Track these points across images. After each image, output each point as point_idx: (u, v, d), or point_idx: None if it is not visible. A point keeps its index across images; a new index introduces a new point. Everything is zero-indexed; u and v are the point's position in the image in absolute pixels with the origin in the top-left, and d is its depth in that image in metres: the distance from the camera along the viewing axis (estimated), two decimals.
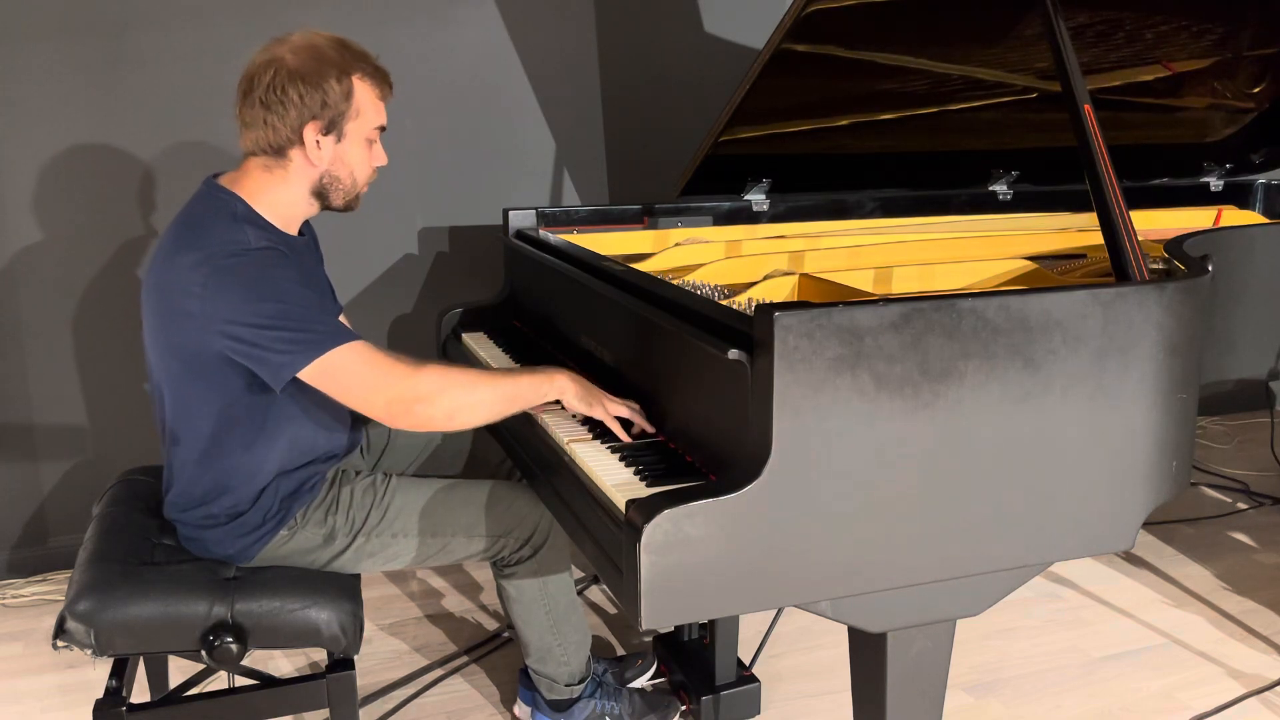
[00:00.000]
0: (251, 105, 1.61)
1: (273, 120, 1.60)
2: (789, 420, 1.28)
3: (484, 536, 1.83)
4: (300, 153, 1.64)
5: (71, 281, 2.73)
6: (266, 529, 1.72)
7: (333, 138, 1.65)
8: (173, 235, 1.62)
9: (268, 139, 1.62)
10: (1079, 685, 2.35)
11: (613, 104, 3.16)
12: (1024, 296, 1.39)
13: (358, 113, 1.66)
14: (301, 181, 1.67)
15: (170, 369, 1.63)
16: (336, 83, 1.62)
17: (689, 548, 1.25)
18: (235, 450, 1.67)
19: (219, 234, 1.57)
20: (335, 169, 1.67)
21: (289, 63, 1.60)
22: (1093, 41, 2.40)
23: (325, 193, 1.70)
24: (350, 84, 1.64)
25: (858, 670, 1.53)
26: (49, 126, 2.65)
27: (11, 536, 2.82)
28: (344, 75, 1.63)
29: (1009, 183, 2.81)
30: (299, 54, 1.61)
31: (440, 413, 1.58)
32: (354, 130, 1.66)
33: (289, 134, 1.62)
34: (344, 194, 1.71)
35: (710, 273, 2.11)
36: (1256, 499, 3.37)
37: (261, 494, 1.70)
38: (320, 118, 1.62)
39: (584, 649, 2.02)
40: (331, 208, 1.72)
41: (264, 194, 1.66)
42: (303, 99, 1.60)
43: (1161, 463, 1.52)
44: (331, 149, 1.65)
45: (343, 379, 1.55)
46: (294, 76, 1.59)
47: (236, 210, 1.62)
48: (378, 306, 3.01)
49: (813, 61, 2.22)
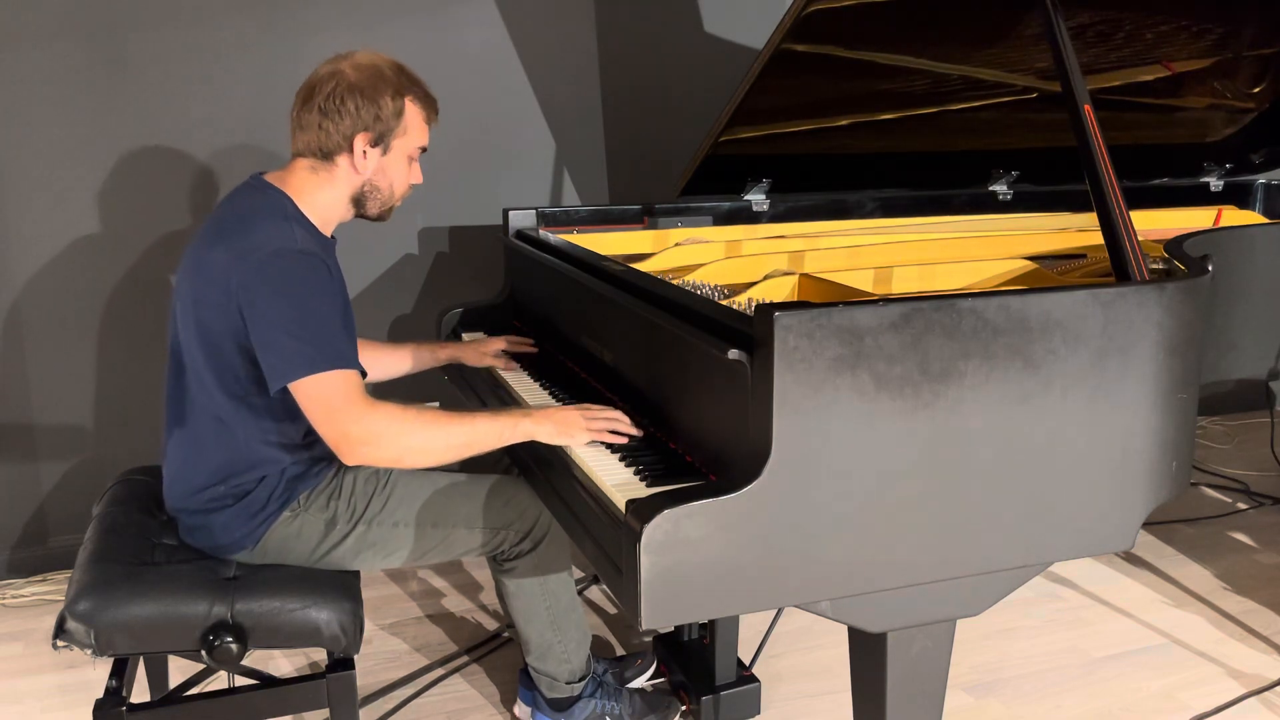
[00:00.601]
0: (310, 110, 1.73)
1: (328, 126, 1.72)
2: (789, 420, 1.28)
3: (484, 529, 1.85)
4: (348, 159, 1.75)
5: (72, 281, 2.73)
6: (271, 510, 1.74)
7: (379, 150, 1.76)
8: (219, 223, 1.70)
9: (320, 143, 1.73)
10: (1079, 685, 2.35)
11: (613, 104, 3.16)
12: (1024, 296, 1.39)
13: (405, 130, 1.78)
14: (344, 186, 1.77)
15: (195, 347, 1.69)
16: (391, 100, 1.74)
17: (689, 548, 1.25)
18: (249, 430, 1.72)
19: (269, 229, 1.66)
20: (377, 179, 1.79)
21: (350, 76, 1.72)
22: (1093, 41, 2.40)
23: (363, 200, 1.80)
24: (403, 104, 1.76)
25: (858, 670, 1.53)
26: (49, 127, 2.65)
27: (11, 536, 2.82)
28: (398, 95, 1.75)
29: (1009, 183, 2.81)
30: (360, 70, 1.73)
31: (387, 455, 1.63)
32: (399, 146, 1.78)
33: (340, 140, 1.73)
34: (381, 204, 1.82)
35: (710, 273, 2.11)
36: (1256, 499, 3.37)
37: (268, 476, 1.75)
38: (371, 130, 1.73)
39: (584, 646, 2.02)
40: (366, 216, 1.83)
41: (308, 194, 1.75)
42: (358, 110, 1.71)
43: (1161, 463, 1.52)
44: (377, 160, 1.76)
45: (315, 401, 1.61)
46: (353, 89, 1.71)
47: (287, 209, 1.71)
48: (378, 306, 3.01)
49: (813, 61, 2.23)
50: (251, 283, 1.61)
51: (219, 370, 1.68)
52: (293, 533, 1.77)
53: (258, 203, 1.71)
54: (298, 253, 1.64)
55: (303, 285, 1.62)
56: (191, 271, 1.70)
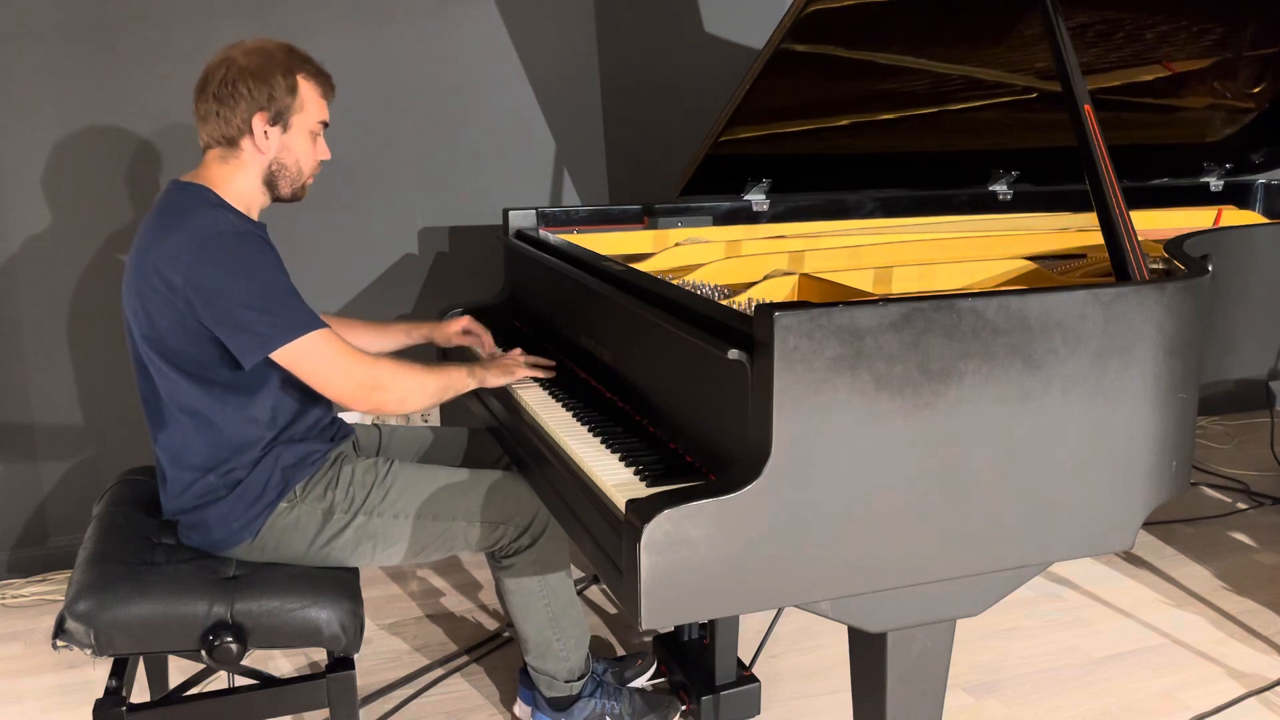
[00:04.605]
0: (206, 100, 1.77)
1: (225, 113, 1.75)
2: (789, 420, 1.28)
3: (483, 524, 1.85)
4: (250, 142, 1.78)
5: (71, 281, 2.73)
6: (267, 499, 1.75)
7: (279, 128, 1.79)
8: (152, 224, 1.74)
9: (221, 130, 1.77)
10: (1079, 685, 2.35)
11: (613, 104, 3.16)
12: (1024, 296, 1.39)
13: (302, 106, 1.81)
14: (253, 169, 1.80)
15: (154, 345, 1.71)
16: (283, 79, 1.77)
17: (689, 548, 1.25)
18: (226, 416, 1.74)
19: (202, 217, 1.70)
20: (283, 156, 1.81)
21: (240, 61, 1.76)
22: (1093, 41, 2.40)
23: (274, 180, 1.83)
24: (295, 80, 1.79)
25: (858, 670, 1.53)
26: (48, 127, 2.65)
27: (11, 536, 2.82)
28: (289, 73, 1.79)
29: (1009, 183, 2.81)
30: (249, 55, 1.77)
31: (394, 398, 1.75)
32: (299, 123, 1.81)
33: (239, 124, 1.76)
34: (290, 182, 1.84)
35: (710, 273, 2.11)
36: (1256, 499, 3.37)
37: (260, 462, 1.76)
38: (267, 109, 1.77)
39: (583, 644, 2.02)
40: (280, 197, 1.85)
41: (224, 183, 1.79)
42: (251, 92, 1.75)
43: (1161, 463, 1.52)
44: (278, 139, 1.80)
45: (313, 363, 1.69)
46: (244, 73, 1.75)
47: (209, 198, 1.75)
48: (378, 306, 3.01)
49: (813, 61, 2.23)
50: (197, 268, 1.64)
51: (179, 362, 1.71)
52: (290, 524, 1.77)
53: (182, 199, 1.75)
54: (235, 233, 1.68)
55: (250, 261, 1.67)
56: (133, 273, 1.72)
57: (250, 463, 1.76)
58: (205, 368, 1.71)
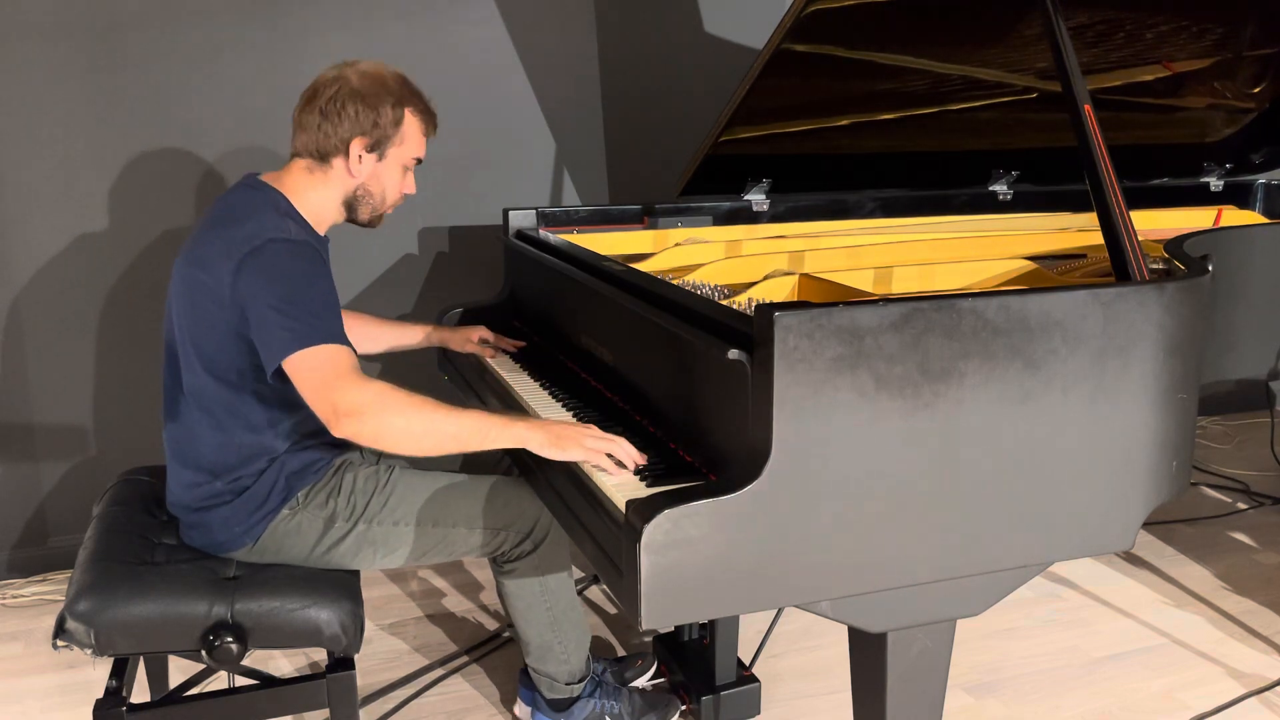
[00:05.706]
0: (311, 112, 1.77)
1: (327, 128, 1.76)
2: (789, 420, 1.28)
3: (485, 529, 1.85)
4: (343, 162, 1.78)
5: (72, 281, 2.73)
6: (270, 506, 1.75)
7: (375, 156, 1.80)
8: (215, 217, 1.73)
9: (318, 144, 1.77)
10: (1079, 685, 2.35)
11: (613, 104, 3.16)
12: (1024, 296, 1.39)
13: (403, 140, 1.81)
14: (337, 188, 1.81)
15: (191, 338, 1.71)
16: (391, 109, 1.78)
17: (689, 548, 1.25)
18: (243, 422, 1.73)
19: (263, 221, 1.69)
20: (370, 184, 1.82)
21: (353, 82, 1.76)
22: (1093, 41, 2.40)
23: (355, 204, 1.84)
24: (403, 113, 1.80)
25: (858, 670, 1.53)
26: (48, 127, 2.65)
27: (11, 536, 2.82)
28: (399, 105, 1.79)
29: (1009, 183, 2.81)
30: (364, 77, 1.77)
31: (368, 430, 1.56)
32: (395, 155, 1.82)
33: (338, 143, 1.77)
34: (371, 209, 1.86)
35: (710, 273, 2.11)
36: (1256, 499, 3.37)
37: (266, 470, 1.76)
38: (369, 135, 1.77)
39: (584, 647, 2.02)
40: (357, 220, 1.86)
41: (302, 193, 1.79)
42: (358, 115, 1.75)
43: (1161, 463, 1.52)
44: (371, 166, 1.80)
45: (307, 375, 1.60)
46: (355, 95, 1.75)
47: (279, 204, 1.75)
48: (378, 306, 3.01)
49: (813, 61, 2.22)
50: (248, 271, 1.63)
51: (214, 360, 1.70)
52: (291, 530, 1.77)
53: (252, 198, 1.75)
54: (291, 241, 1.67)
55: (295, 270, 1.65)
56: (187, 263, 1.72)
57: (257, 471, 1.75)
58: (240, 373, 1.69)
